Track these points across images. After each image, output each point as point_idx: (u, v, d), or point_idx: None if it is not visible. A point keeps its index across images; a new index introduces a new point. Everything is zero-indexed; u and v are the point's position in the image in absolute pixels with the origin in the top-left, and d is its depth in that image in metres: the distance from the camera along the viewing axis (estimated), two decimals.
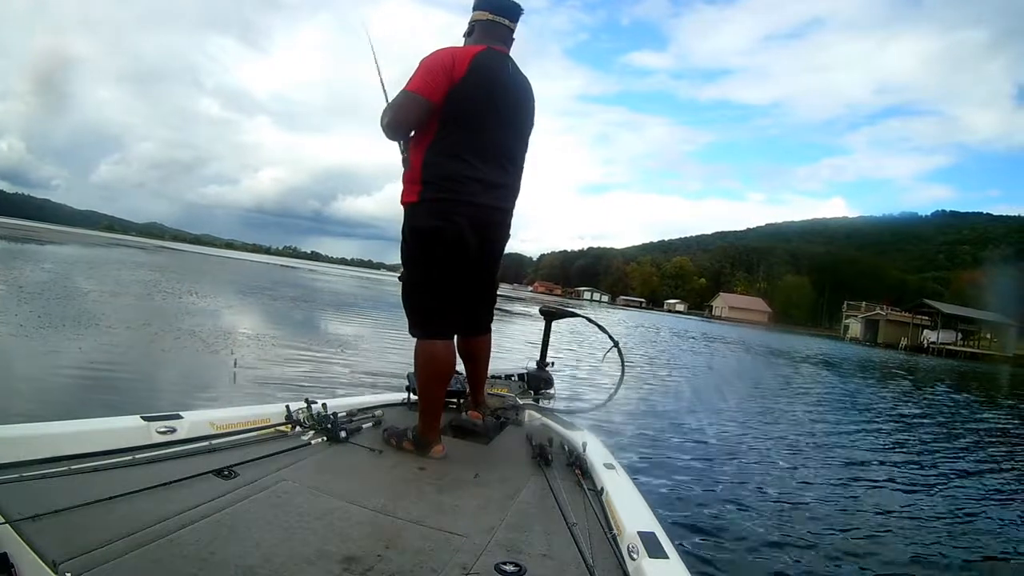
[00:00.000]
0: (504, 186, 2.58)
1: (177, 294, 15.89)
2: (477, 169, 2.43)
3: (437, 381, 2.56)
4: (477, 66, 2.40)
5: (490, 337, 2.91)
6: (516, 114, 2.59)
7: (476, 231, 2.48)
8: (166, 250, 74.54)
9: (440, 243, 2.42)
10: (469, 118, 2.42)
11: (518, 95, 2.60)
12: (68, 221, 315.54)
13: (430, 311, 2.50)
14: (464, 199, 2.41)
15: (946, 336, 54.74)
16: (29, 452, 1.76)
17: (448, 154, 2.41)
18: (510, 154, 2.59)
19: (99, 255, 33.20)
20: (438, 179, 2.40)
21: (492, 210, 2.54)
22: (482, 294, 2.76)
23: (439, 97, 2.36)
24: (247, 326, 11.48)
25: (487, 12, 2.58)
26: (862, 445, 7.41)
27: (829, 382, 16.24)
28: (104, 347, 7.14)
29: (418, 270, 2.51)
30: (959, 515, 4.85)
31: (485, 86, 2.43)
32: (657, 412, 7.94)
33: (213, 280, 26.10)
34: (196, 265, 39.31)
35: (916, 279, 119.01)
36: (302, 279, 43.08)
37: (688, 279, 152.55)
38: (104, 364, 6.37)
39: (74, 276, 16.19)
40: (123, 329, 8.46)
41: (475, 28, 2.60)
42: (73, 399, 4.97)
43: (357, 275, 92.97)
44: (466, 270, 2.53)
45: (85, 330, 8.02)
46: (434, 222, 2.40)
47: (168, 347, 7.78)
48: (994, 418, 12.08)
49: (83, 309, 9.98)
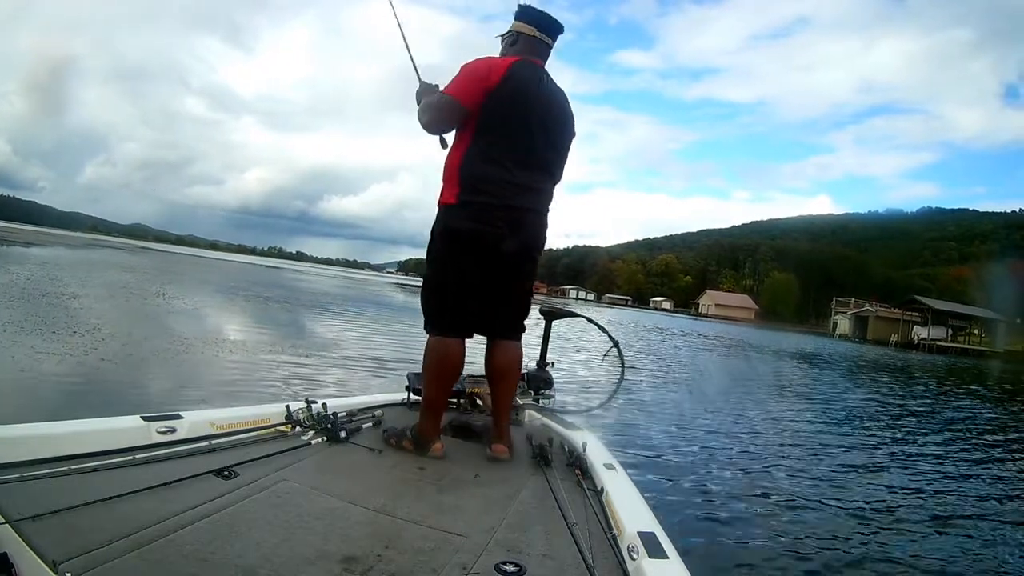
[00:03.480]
0: (538, 190, 2.65)
1: (143, 296, 15.31)
2: (512, 173, 2.52)
3: (444, 379, 2.60)
4: (511, 75, 2.50)
5: (520, 348, 2.82)
6: (549, 122, 2.64)
7: (513, 234, 2.54)
8: (148, 251, 73.35)
9: (475, 245, 2.50)
10: (503, 124, 2.51)
11: (551, 105, 2.66)
12: (53, 223, 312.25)
13: (446, 309, 2.57)
14: (501, 202, 2.50)
15: (936, 332, 54.74)
16: (29, 452, 1.76)
17: (483, 158, 2.50)
18: (543, 160, 2.66)
19: (75, 257, 32.44)
20: (475, 182, 2.49)
21: (527, 212, 2.61)
22: (511, 297, 2.73)
23: (475, 103, 2.47)
24: (202, 329, 10.89)
25: (534, 28, 2.68)
26: (864, 445, 7.40)
27: (828, 380, 16.23)
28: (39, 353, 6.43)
29: (441, 269, 2.60)
30: (961, 515, 4.84)
31: (518, 95, 2.52)
32: (657, 412, 7.94)
33: (187, 281, 25.18)
34: (172, 266, 38.45)
35: (903, 275, 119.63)
36: (284, 279, 42.56)
37: (674, 277, 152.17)
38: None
39: (39, 279, 15.31)
40: (68, 334, 7.72)
41: (519, 40, 2.69)
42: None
43: (341, 275, 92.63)
44: (497, 272, 2.58)
45: (26, 336, 7.28)
46: (471, 224, 2.49)
47: (110, 353, 7.01)
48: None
49: (36, 313, 9.27)
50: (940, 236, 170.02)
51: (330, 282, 49.65)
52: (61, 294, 12.32)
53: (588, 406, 4.91)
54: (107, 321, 9.49)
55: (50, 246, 41.81)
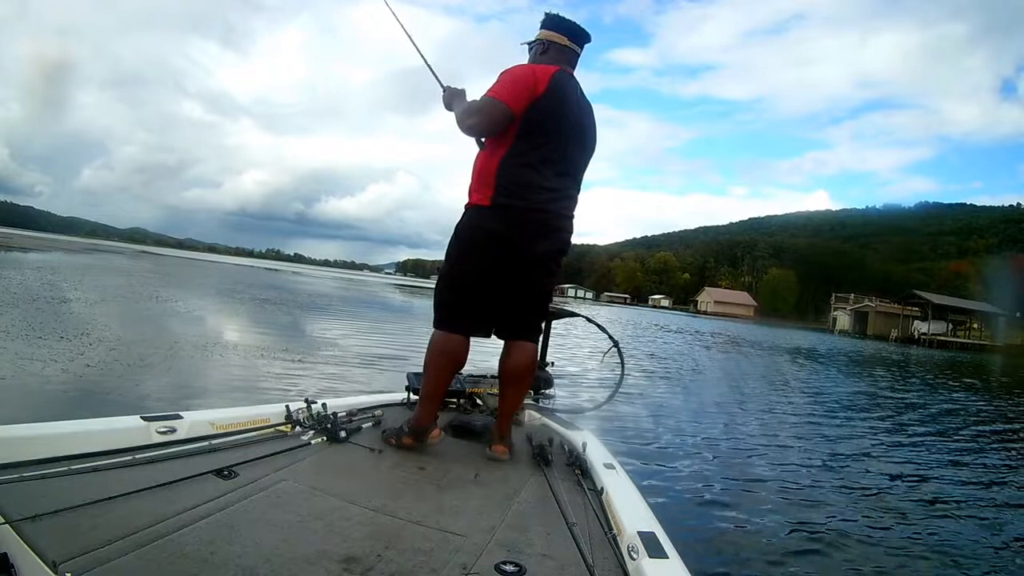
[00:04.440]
0: (570, 197, 2.72)
1: (135, 299, 15.18)
2: (549, 179, 2.58)
3: (443, 371, 2.63)
4: (555, 84, 2.56)
5: (535, 349, 2.84)
6: (583, 132, 2.73)
7: (544, 237, 2.61)
8: (148, 255, 72.99)
9: (504, 246, 2.54)
10: (545, 131, 2.56)
11: (584, 115, 2.74)
12: (51, 228, 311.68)
13: (457, 306, 2.60)
14: (535, 206, 2.55)
15: (937, 327, 54.67)
16: (29, 452, 1.76)
17: (523, 163, 2.54)
18: (576, 169, 2.74)
19: (75, 262, 32.08)
20: (512, 185, 2.53)
21: (559, 217, 2.67)
22: (533, 298, 2.76)
23: (520, 108, 2.51)
24: (202, 331, 10.72)
25: (565, 37, 2.75)
26: (867, 443, 7.34)
27: (829, 377, 16.15)
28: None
29: (460, 267, 2.63)
30: (963, 518, 4.71)
31: (561, 104, 2.59)
32: (657, 412, 7.88)
33: (188, 284, 25.07)
34: (172, 269, 38.38)
35: (901, 270, 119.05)
36: (283, 281, 42.33)
37: (672, 274, 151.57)
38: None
39: (35, 283, 15.18)
40: (56, 339, 7.53)
41: (550, 48, 2.75)
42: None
43: (340, 276, 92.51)
44: (522, 273, 2.62)
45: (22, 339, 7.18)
46: (503, 226, 2.54)
47: (110, 355, 6.92)
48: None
49: (34, 316, 9.14)
50: (938, 231, 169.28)
51: (329, 284, 49.45)
52: (64, 298, 12.25)
53: (588, 406, 4.95)
54: (107, 324, 9.43)
55: (48, 251, 41.60)
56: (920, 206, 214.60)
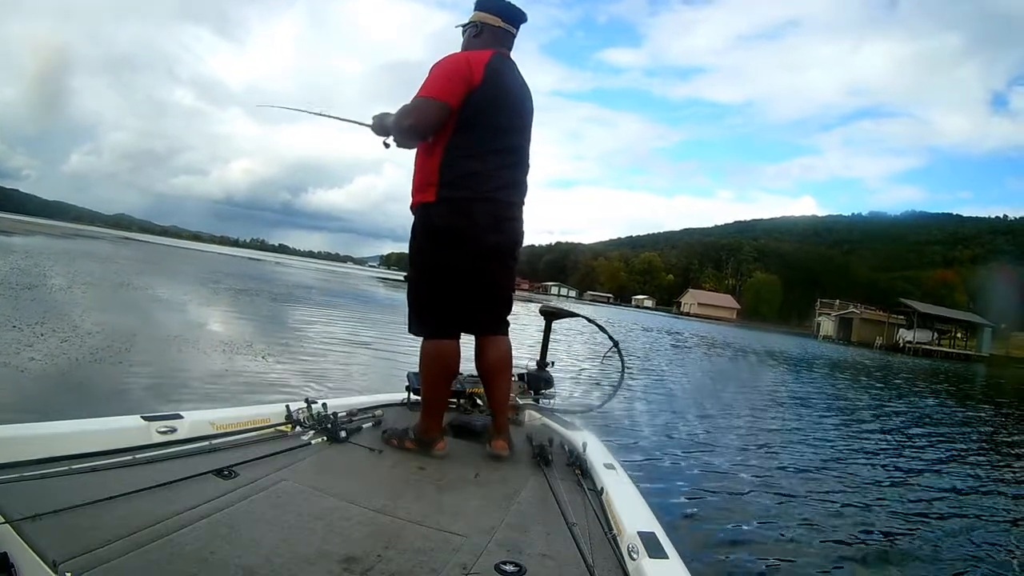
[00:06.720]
0: (519, 183, 2.68)
1: (106, 287, 14.83)
2: (495, 167, 2.53)
3: (441, 379, 2.59)
4: (492, 72, 2.49)
5: (508, 342, 2.79)
6: (523, 116, 2.70)
7: (496, 226, 2.55)
8: (131, 242, 72.31)
9: (457, 240, 2.47)
10: (486, 120, 2.50)
11: (524, 99, 2.70)
12: (36, 211, 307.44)
13: (437, 309, 2.55)
14: (483, 195, 2.50)
15: (922, 335, 55.03)
16: (29, 452, 1.75)
17: (466, 154, 2.49)
18: (521, 153, 2.69)
19: (58, 246, 31.64)
20: (457, 178, 2.48)
21: (509, 205, 2.63)
22: (495, 291, 2.71)
23: (458, 101, 2.44)
24: (194, 329, 10.25)
25: (499, 19, 2.66)
26: (864, 446, 7.46)
27: (823, 383, 16.38)
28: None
29: (428, 270, 2.57)
30: (965, 517, 4.85)
31: (499, 90, 2.53)
32: (657, 412, 7.97)
33: (174, 274, 24.76)
34: (155, 257, 37.92)
35: (886, 278, 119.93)
36: (265, 271, 42.18)
37: (656, 275, 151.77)
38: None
39: (19, 269, 14.74)
40: (64, 330, 7.27)
41: (484, 31, 2.66)
42: None
43: (322, 268, 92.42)
44: (480, 266, 2.56)
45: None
46: (453, 219, 2.47)
47: (108, 354, 6.60)
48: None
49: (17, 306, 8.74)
50: (924, 240, 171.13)
51: (311, 275, 49.30)
52: (30, 285, 11.72)
53: (588, 406, 4.97)
54: (95, 316, 9.11)
55: (30, 235, 41.04)
56: (907, 214, 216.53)
